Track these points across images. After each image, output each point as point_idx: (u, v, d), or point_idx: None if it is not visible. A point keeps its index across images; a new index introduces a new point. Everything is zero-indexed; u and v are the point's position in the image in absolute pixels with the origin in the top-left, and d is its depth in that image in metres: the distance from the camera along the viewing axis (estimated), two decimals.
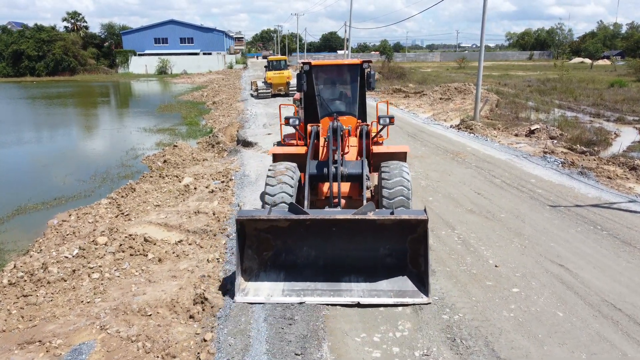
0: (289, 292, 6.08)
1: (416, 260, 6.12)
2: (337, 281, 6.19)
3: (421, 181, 10.98)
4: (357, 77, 8.52)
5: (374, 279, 6.18)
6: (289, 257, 6.40)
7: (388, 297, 5.90)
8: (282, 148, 8.56)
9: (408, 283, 6.07)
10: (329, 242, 6.28)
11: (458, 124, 18.79)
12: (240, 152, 15.18)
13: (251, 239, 6.31)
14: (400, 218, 5.93)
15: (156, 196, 11.12)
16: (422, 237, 5.99)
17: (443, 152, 13.99)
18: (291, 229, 6.24)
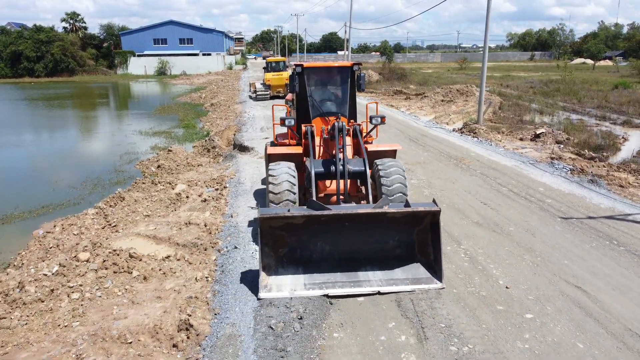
0: (310, 285, 6.30)
1: (425, 250, 6.56)
2: (355, 272, 6.51)
3: (424, 190, 10.47)
4: (347, 79, 8.76)
5: (388, 268, 6.56)
6: (306, 252, 6.62)
7: (405, 285, 6.28)
8: (278, 148, 8.65)
9: (421, 270, 6.49)
10: (342, 236, 6.57)
11: (461, 128, 18.28)
12: (236, 157, 14.68)
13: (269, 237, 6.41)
14: (416, 210, 6.33)
15: (146, 205, 10.62)
16: (429, 227, 6.49)
17: (446, 157, 13.47)
18: (306, 225, 6.41)
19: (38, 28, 71.81)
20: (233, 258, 7.38)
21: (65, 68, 68.41)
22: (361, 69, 8.72)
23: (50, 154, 19.59)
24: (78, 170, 16.45)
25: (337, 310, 5.80)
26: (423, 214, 6.43)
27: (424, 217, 6.46)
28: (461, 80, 44.21)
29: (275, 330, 5.39)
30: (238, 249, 7.67)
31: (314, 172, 7.62)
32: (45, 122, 29.50)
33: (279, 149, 8.58)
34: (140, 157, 17.73)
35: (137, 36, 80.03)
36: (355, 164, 7.79)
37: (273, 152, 8.39)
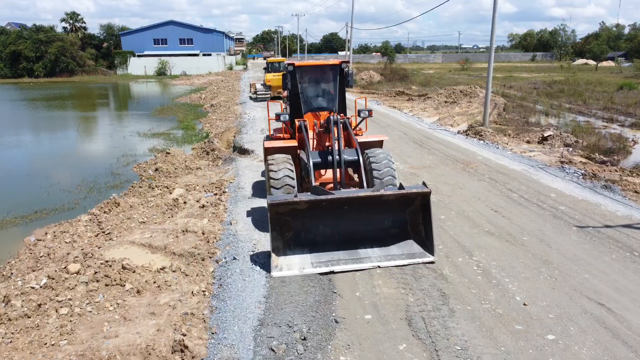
0: (317, 264, 6.86)
1: (417, 228, 7.23)
2: (356, 250, 7.09)
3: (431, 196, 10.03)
4: (336, 76, 9.39)
5: (385, 246, 7.16)
6: (310, 235, 7.18)
7: (401, 260, 6.93)
8: (274, 142, 9.17)
9: (415, 247, 7.14)
10: (343, 219, 7.16)
11: (466, 130, 17.86)
12: (235, 160, 14.27)
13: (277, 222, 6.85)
14: (409, 192, 7.03)
15: (142, 211, 10.21)
16: (420, 207, 7.19)
17: (452, 161, 13.06)
18: (310, 209, 6.99)
19: (38, 28, 71.45)
20: (232, 270, 6.97)
21: (64, 68, 68.01)
22: (349, 67, 9.47)
23: (46, 156, 19.19)
24: (74, 173, 16.04)
25: (343, 330, 5.39)
26: (414, 196, 7.14)
27: (415, 198, 7.18)
28: (464, 81, 43.74)
29: (276, 353, 4.98)
30: (237, 260, 7.26)
31: (312, 162, 8.13)
32: (43, 123, 29.12)
33: (275, 142, 9.10)
34: (138, 160, 17.33)
35: (137, 36, 79.65)
36: (349, 154, 8.37)
37: (270, 145, 8.93)
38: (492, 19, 17.29)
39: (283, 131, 9.75)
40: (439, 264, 6.90)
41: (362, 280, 6.52)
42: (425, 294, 6.09)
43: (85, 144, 21.91)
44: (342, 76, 9.36)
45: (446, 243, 7.62)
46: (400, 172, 12.03)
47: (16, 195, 13.52)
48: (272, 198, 6.87)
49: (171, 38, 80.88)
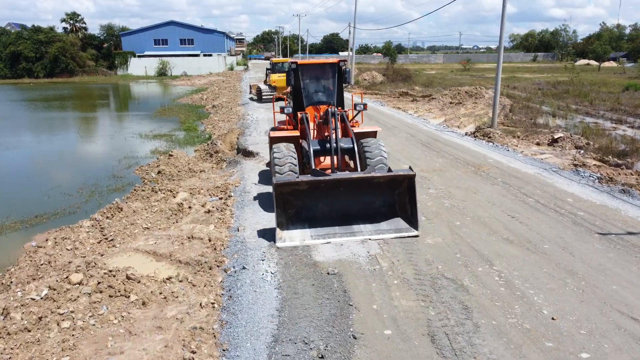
0: (316, 236, 7.83)
1: (404, 207, 8.16)
2: (350, 228, 8.05)
3: (444, 200, 9.74)
4: (335, 73, 10.34)
5: (376, 222, 8.14)
6: (310, 212, 8.17)
7: (390, 234, 7.86)
8: (278, 132, 10.19)
9: (401, 223, 8.08)
10: (339, 198, 8.16)
11: (474, 132, 17.56)
12: (240, 163, 13.96)
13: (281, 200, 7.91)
14: (397, 174, 8.00)
15: (146, 217, 9.90)
16: (406, 189, 8.06)
17: (463, 164, 12.75)
18: (310, 190, 8.00)
19: (37, 28, 71.12)
20: (242, 281, 6.66)
21: (64, 69, 67.69)
22: (346, 65, 10.43)
23: (47, 158, 18.88)
24: (75, 176, 15.74)
25: (363, 347, 5.08)
26: (402, 178, 8.02)
27: (402, 181, 8.07)
28: (467, 82, 43.47)
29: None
30: (247, 270, 6.95)
31: (312, 150, 9.19)
32: (42, 123, 28.82)
33: (280, 132, 10.15)
34: (140, 162, 17.02)
35: (137, 37, 79.37)
36: (345, 142, 9.35)
37: (275, 135, 10.03)
38: (502, 18, 17.00)
39: (287, 123, 10.71)
40: (459, 274, 6.60)
41: (378, 291, 6.21)
42: (447, 307, 5.78)
43: (86, 145, 21.60)
44: (340, 73, 10.32)
45: (464, 251, 7.32)
46: None
47: (16, 199, 13.22)
48: (277, 179, 7.88)
49: (172, 38, 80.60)
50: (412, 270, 6.74)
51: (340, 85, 10.43)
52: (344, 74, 10.30)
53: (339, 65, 10.31)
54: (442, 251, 7.34)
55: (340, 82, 10.40)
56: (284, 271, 6.83)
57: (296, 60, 10.41)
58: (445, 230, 8.14)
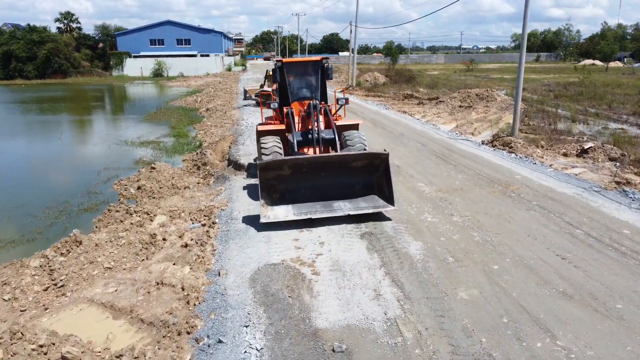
0: (298, 213, 8.42)
1: (382, 188, 8.83)
2: (330, 205, 8.70)
3: (473, 232, 7.98)
4: (318, 70, 10.95)
5: (354, 200, 8.81)
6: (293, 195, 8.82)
7: (368, 210, 8.54)
8: (265, 126, 10.84)
9: (380, 202, 8.74)
10: (318, 181, 8.82)
11: (492, 140, 15.80)
12: (229, 179, 12.20)
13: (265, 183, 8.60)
14: (369, 152, 8.98)
15: (110, 252, 8.14)
16: (383, 172, 8.72)
17: (487, 182, 11.00)
18: (292, 174, 8.71)
19: (31, 28, 69.37)
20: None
21: (58, 69, 65.89)
22: (329, 62, 11.04)
23: (17, 170, 17.10)
24: (45, 191, 13.99)
25: None
26: (376, 159, 8.79)
27: (379, 164, 8.76)
28: (473, 83, 41.70)
29: None
30: (224, 344, 5.19)
31: (296, 140, 9.81)
32: (23, 128, 27.06)
33: (267, 126, 10.80)
34: (121, 175, 15.29)
35: (133, 37, 77.64)
36: (327, 134, 10.00)
37: (262, 129, 10.69)
38: (524, 17, 15.24)
39: (274, 118, 11.20)
40: (512, 353, 4.85)
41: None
42: None
43: (65, 154, 19.81)
44: (323, 71, 10.92)
45: (511, 313, 5.56)
46: (427, 196, 9.98)
47: None
48: (260, 161, 8.68)
49: (168, 38, 78.88)
50: (447, 345, 5.00)
51: (323, 81, 11.01)
52: (326, 71, 10.88)
53: (322, 62, 10.90)
54: (483, 312, 5.59)
55: (323, 78, 10.99)
56: (273, 346, 5.08)
57: (281, 59, 11.13)
58: (482, 279, 6.40)
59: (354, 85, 38.81)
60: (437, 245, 7.48)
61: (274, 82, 11.23)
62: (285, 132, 10.63)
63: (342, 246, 7.57)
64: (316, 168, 8.71)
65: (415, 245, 7.49)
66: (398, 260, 6.98)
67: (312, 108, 9.96)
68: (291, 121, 10.19)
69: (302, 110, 10.67)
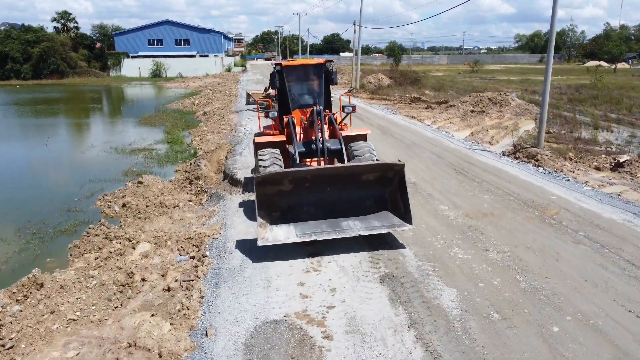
0: (301, 234, 7.45)
1: (396, 204, 7.87)
2: (338, 223, 7.74)
3: (517, 275, 6.57)
4: (321, 74, 9.94)
5: (365, 218, 7.83)
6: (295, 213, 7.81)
7: (382, 229, 7.61)
8: (264, 137, 9.80)
9: (395, 220, 7.75)
10: (324, 197, 7.86)
11: (514, 151, 14.39)
12: (224, 198, 10.79)
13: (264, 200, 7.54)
14: (382, 163, 7.89)
15: (77, 298, 6.73)
16: (397, 186, 7.82)
17: (519, 204, 9.59)
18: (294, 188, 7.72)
19: (27, 28, 67.96)
20: None
21: (54, 70, 64.46)
22: (333, 66, 10.04)
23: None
24: (21, 208, 12.58)
25: None
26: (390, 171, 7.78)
27: (393, 177, 7.81)
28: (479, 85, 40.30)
29: None
30: None
31: (297, 152, 8.74)
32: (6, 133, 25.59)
33: (265, 137, 9.75)
34: (107, 188, 13.91)
35: (131, 37, 76.30)
36: (332, 144, 9.01)
37: (260, 140, 9.61)
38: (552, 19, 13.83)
39: (273, 128, 10.15)
40: None
41: None
42: None
43: (49, 163, 18.39)
44: (326, 75, 9.89)
45: None
46: (453, 223, 8.57)
47: None
48: (257, 174, 7.51)
49: (167, 38, 77.52)
50: None
51: (327, 86, 10.04)
52: (330, 75, 9.85)
53: (326, 66, 9.91)
54: None
55: (327, 83, 9.98)
56: None
57: (280, 62, 10.05)
58: (541, 347, 5.00)
59: (357, 87, 37.39)
60: (476, 294, 6.08)
61: (273, 87, 10.17)
62: (286, 144, 9.62)
63: (358, 294, 6.17)
64: (321, 181, 7.73)
65: (448, 294, 6.10)
66: (430, 318, 5.58)
67: (316, 115, 8.94)
68: (292, 131, 9.18)
69: (304, 119, 9.65)
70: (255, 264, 7.27)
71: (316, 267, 6.98)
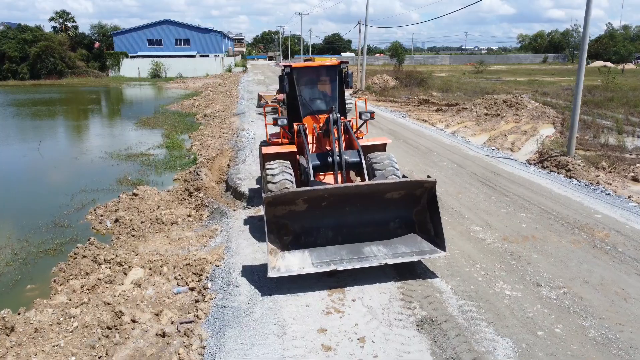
0: (318, 263, 6.51)
1: (424, 226, 6.98)
2: (360, 249, 6.77)
3: (581, 320, 5.46)
4: (335, 77, 9.08)
5: (391, 243, 6.86)
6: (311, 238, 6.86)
7: (411, 257, 6.63)
8: (272, 148, 8.75)
9: (424, 245, 6.80)
10: (343, 219, 6.93)
11: (540, 159, 13.29)
12: (227, 215, 9.68)
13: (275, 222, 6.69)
14: (412, 180, 6.91)
15: (53, 346, 5.61)
16: (427, 205, 6.95)
17: (562, 224, 8.48)
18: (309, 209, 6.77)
19: (23, 27, 66.85)
20: None
21: (52, 70, 63.38)
22: (348, 67, 9.07)
23: None
24: (3, 223, 11.50)
25: None
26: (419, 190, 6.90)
27: (420, 196, 6.95)
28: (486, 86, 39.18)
29: None
30: None
31: (311, 165, 7.82)
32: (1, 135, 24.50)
33: (273, 148, 8.69)
34: (99, 199, 12.84)
35: (130, 36, 75.20)
36: (351, 156, 8.13)
37: (268, 151, 8.50)
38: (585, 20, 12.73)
39: (281, 136, 9.25)
40: None
41: None
42: None
43: (39, 170, 17.28)
44: (341, 77, 9.06)
45: None
46: (491, 248, 7.48)
47: None
48: (267, 194, 6.62)
49: (166, 38, 76.44)
50: None
51: (341, 90, 9.12)
52: (345, 77, 9.00)
53: (340, 67, 9.00)
54: None
55: (341, 87, 9.10)
56: None
57: (290, 64, 9.14)
58: None
59: (362, 89, 36.28)
60: (537, 347, 4.99)
61: (282, 92, 9.26)
62: (297, 155, 8.68)
63: (392, 347, 5.07)
64: (340, 201, 6.85)
65: (503, 347, 5.00)
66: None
67: (332, 123, 8.02)
68: (304, 141, 8.29)
69: (317, 127, 8.81)
70: (266, 299, 6.19)
71: (338, 306, 5.89)
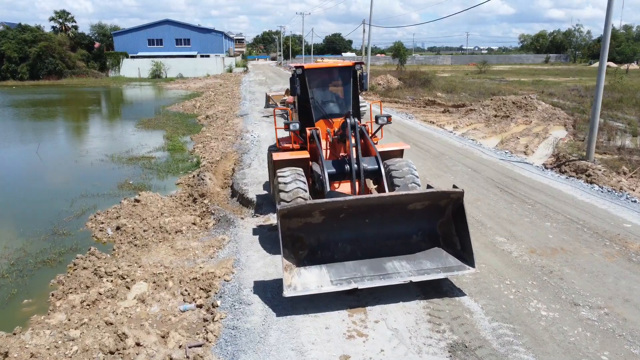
0: (337, 281, 6.08)
1: (449, 239, 6.56)
2: (382, 265, 6.33)
3: (629, 346, 4.98)
4: (349, 79, 8.64)
5: (414, 258, 6.45)
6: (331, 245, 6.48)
7: (437, 274, 6.17)
8: (283, 154, 8.29)
9: (451, 260, 6.37)
10: (362, 232, 6.52)
11: (557, 164, 12.82)
12: (234, 223, 9.19)
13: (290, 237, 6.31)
14: (438, 191, 6.35)
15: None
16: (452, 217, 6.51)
17: (591, 234, 8.00)
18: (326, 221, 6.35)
19: (23, 27, 66.36)
20: None
21: (52, 70, 62.89)
22: (363, 69, 8.67)
23: None
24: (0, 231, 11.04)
25: None
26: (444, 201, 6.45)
27: (445, 207, 6.52)
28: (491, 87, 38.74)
29: None
30: None
31: (327, 173, 7.46)
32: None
33: (285, 154, 8.25)
34: (100, 205, 12.36)
35: (130, 36, 74.74)
36: (369, 163, 7.74)
37: (280, 158, 8.07)
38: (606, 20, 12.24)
39: (292, 141, 8.84)
40: None
41: None
42: None
43: (38, 173, 16.79)
44: (355, 79, 8.64)
45: None
46: (519, 262, 7.00)
47: None
48: (282, 205, 6.14)
49: (167, 38, 75.98)
50: None
51: (355, 93, 8.71)
52: (360, 79, 8.57)
53: (354, 68, 8.58)
54: None
55: (355, 89, 8.67)
56: None
57: (302, 65, 8.77)
58: None
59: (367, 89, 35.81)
60: None
61: (293, 94, 8.81)
62: (309, 161, 8.24)
63: None
64: (359, 212, 6.41)
65: None
66: None
67: (350, 128, 7.59)
68: (317, 146, 7.85)
69: (332, 132, 8.37)
70: (281, 319, 5.71)
71: (360, 329, 5.41)
